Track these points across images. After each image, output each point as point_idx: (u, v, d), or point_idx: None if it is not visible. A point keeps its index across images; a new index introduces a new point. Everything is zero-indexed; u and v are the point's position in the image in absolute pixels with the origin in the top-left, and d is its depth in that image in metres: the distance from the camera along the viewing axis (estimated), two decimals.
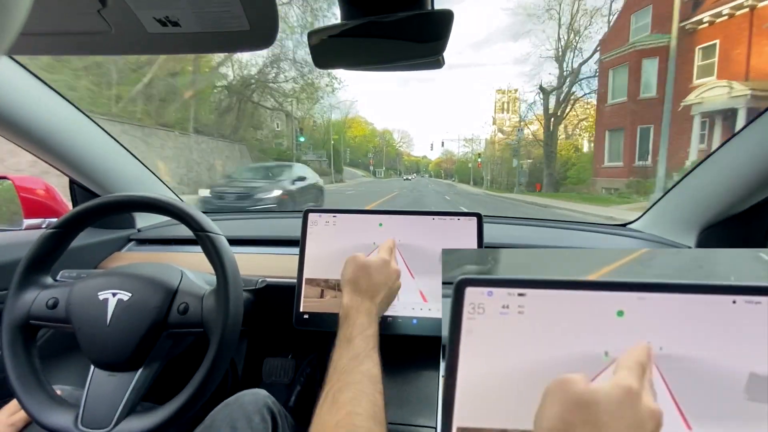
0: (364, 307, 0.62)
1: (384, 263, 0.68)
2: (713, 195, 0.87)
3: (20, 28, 0.18)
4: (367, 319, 0.60)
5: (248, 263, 0.90)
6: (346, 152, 45.25)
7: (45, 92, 0.89)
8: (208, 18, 0.41)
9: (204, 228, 0.64)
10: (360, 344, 0.56)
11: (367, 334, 0.58)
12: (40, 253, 0.66)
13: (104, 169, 1.08)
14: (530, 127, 29.88)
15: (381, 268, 0.67)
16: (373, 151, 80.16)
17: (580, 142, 26.64)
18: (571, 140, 26.82)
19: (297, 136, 28.70)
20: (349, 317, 0.60)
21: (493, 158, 40.09)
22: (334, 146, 40.70)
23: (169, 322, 0.63)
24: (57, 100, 0.93)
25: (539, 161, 26.27)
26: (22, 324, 0.64)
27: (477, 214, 0.80)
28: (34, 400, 0.60)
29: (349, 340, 0.57)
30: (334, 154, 37.32)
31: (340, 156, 41.47)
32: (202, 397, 0.60)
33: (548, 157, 23.75)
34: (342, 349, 0.56)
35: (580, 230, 1.15)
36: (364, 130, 75.78)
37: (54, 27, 0.44)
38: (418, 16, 0.46)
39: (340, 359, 0.54)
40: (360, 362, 0.54)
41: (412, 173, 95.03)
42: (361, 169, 65.80)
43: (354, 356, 0.54)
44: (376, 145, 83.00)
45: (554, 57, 24.84)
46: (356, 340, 0.56)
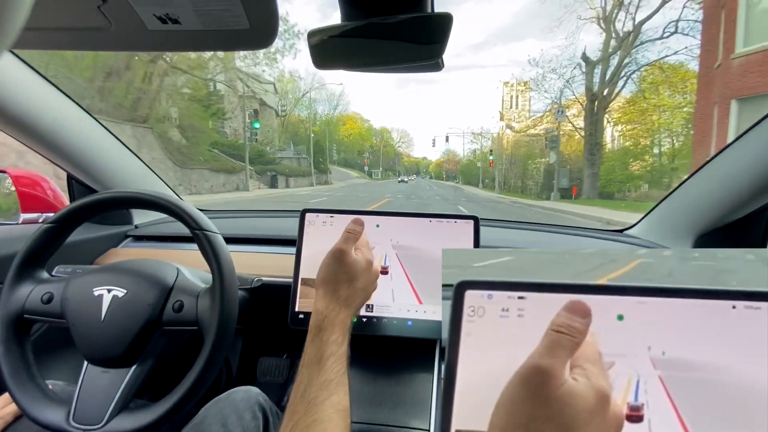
0: (339, 319, 0.55)
1: (368, 265, 0.61)
2: (711, 202, 0.87)
3: (22, 24, 0.18)
4: (341, 333, 0.54)
5: (244, 262, 0.90)
6: (332, 149, 40.63)
7: (45, 87, 0.89)
8: (209, 16, 0.41)
9: (200, 226, 0.64)
10: (333, 367, 0.50)
11: (340, 354, 0.52)
12: (36, 247, 0.66)
13: (102, 165, 1.08)
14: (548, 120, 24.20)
15: (365, 271, 0.60)
16: (370, 151, 75.21)
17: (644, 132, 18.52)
18: (629, 129, 19.25)
19: (252, 122, 23.18)
20: (322, 330, 0.53)
21: (502, 157, 34.94)
22: (318, 142, 35.84)
23: (163, 320, 0.63)
24: (56, 95, 0.92)
25: (573, 158, 21.43)
26: (17, 318, 0.63)
27: (474, 216, 0.80)
28: (27, 395, 0.60)
29: (321, 361, 0.51)
30: (316, 151, 33.33)
31: (325, 153, 37.93)
32: (195, 396, 0.60)
33: (591, 150, 17.26)
34: (312, 371, 0.50)
35: (577, 235, 1.16)
36: (359, 127, 71.07)
37: (54, 22, 0.44)
38: (418, 19, 0.46)
39: (310, 384, 0.49)
40: (331, 392, 0.48)
41: (411, 174, 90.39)
42: (355, 170, 61.99)
43: (325, 383, 0.49)
44: (373, 144, 77.83)
45: (597, 18, 18.70)
46: (329, 361, 0.50)
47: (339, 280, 0.58)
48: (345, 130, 66.30)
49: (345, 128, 66.06)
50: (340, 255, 0.59)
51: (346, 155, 67.38)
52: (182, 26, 0.43)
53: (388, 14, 0.46)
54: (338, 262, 0.58)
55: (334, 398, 0.48)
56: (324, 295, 0.57)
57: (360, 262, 0.60)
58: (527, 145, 31.63)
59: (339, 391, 0.49)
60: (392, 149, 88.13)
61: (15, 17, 0.17)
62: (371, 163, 73.29)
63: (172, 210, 0.66)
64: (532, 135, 30.82)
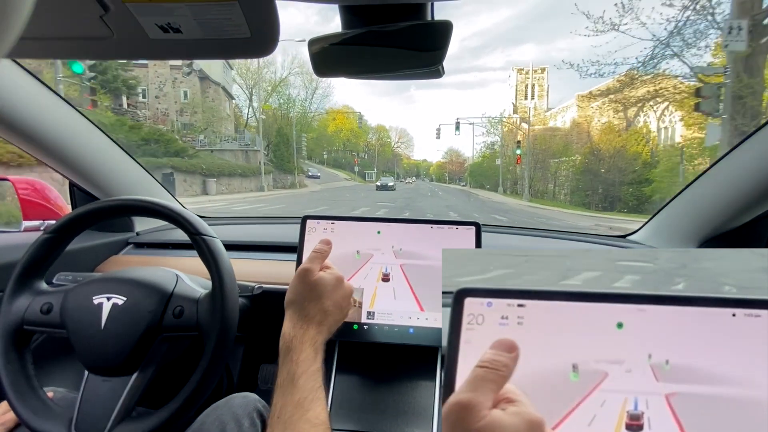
0: (308, 337, 0.55)
1: (338, 282, 0.61)
2: (713, 208, 0.87)
3: (20, 31, 0.18)
4: (312, 351, 0.54)
5: (245, 269, 0.90)
6: (301, 144, 30.72)
7: (46, 95, 0.90)
8: (210, 25, 0.42)
9: (199, 231, 0.64)
10: (306, 385, 0.50)
11: (312, 371, 0.52)
12: (35, 258, 0.66)
13: (104, 172, 1.08)
14: None
15: (334, 288, 0.60)
16: (365, 150, 65.29)
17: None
18: None
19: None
20: (291, 350, 0.53)
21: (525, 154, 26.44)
22: (280, 131, 28.09)
23: (163, 326, 0.63)
24: (58, 103, 0.93)
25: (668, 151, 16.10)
26: (16, 329, 0.63)
27: (475, 223, 0.80)
28: (27, 407, 0.60)
29: (293, 380, 0.50)
30: (275, 145, 26.35)
31: (291, 147, 28.44)
32: (197, 403, 0.60)
33: None
34: (285, 392, 0.50)
35: (579, 241, 1.15)
36: (351, 122, 60.21)
37: (57, 31, 0.44)
38: (418, 26, 0.47)
39: (285, 405, 0.49)
40: (306, 408, 0.48)
41: (411, 176, 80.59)
42: (346, 171, 52.91)
43: (300, 401, 0.49)
44: (369, 143, 67.37)
45: None
46: (301, 379, 0.51)
47: (306, 299, 0.58)
48: (335, 126, 56.04)
49: (335, 123, 55.81)
50: (305, 274, 0.59)
51: (336, 154, 57.67)
52: (184, 35, 0.43)
53: (388, 22, 0.46)
54: (303, 282, 0.59)
55: (310, 414, 0.48)
56: (291, 317, 0.57)
57: (327, 280, 0.59)
58: (550, 140, 26.26)
59: (315, 407, 0.49)
60: (389, 149, 77.20)
61: (12, 25, 0.17)
62: (365, 163, 62.31)
63: (170, 216, 0.66)
64: (552, 129, 26.26)
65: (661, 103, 16.61)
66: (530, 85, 44.42)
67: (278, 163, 26.82)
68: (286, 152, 27.87)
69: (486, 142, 39.33)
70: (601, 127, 21.60)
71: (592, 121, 23.93)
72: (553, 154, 24.93)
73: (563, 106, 31.67)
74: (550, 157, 24.76)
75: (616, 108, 18.07)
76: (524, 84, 44.79)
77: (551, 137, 26.98)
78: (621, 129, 20.51)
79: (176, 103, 20.96)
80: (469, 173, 46.39)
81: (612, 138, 19.99)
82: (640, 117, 19.87)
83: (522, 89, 44.86)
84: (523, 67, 46.50)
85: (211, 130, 22.90)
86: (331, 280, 0.60)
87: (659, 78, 13.31)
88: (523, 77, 45.15)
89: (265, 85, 32.78)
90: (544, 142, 26.60)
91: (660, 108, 18.53)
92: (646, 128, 20.26)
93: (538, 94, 44.12)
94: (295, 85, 36.19)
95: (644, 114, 19.24)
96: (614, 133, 20.29)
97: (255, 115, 32.20)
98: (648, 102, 16.04)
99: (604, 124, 21.35)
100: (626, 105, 17.25)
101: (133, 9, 0.39)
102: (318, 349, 0.55)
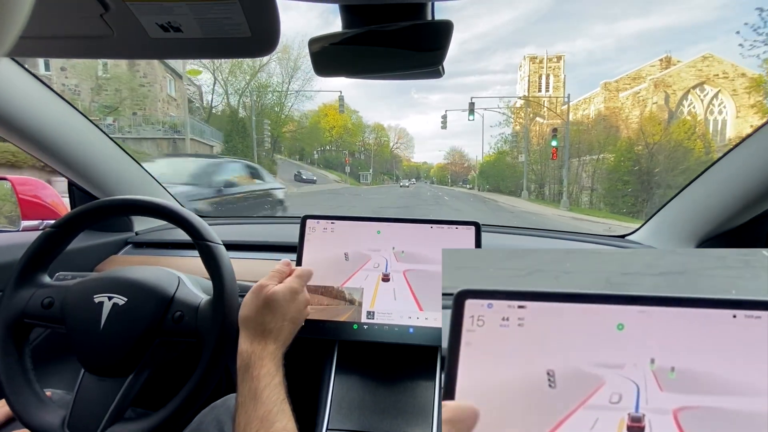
0: (267, 352, 0.54)
1: (292, 294, 0.60)
2: (712, 208, 0.87)
3: (20, 29, 0.18)
4: (273, 365, 0.53)
5: (245, 269, 0.90)
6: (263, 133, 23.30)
7: (45, 94, 0.90)
8: (210, 24, 0.42)
9: (204, 237, 0.64)
10: (270, 398, 0.50)
11: (275, 384, 0.52)
12: (39, 251, 0.66)
13: (104, 172, 1.08)
14: None
15: (288, 301, 0.60)
16: (362, 150, 60.25)
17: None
18: None
19: None
20: (251, 367, 0.52)
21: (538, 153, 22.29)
22: (233, 116, 21.62)
23: (162, 330, 0.63)
24: (57, 102, 0.93)
25: None
26: (16, 321, 0.63)
27: (475, 223, 0.80)
28: (22, 400, 0.60)
29: (256, 395, 0.50)
30: (227, 134, 20.00)
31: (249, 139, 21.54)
32: (192, 406, 0.60)
33: None
34: (249, 408, 0.49)
35: (578, 240, 1.15)
36: (345, 118, 53.19)
37: (57, 30, 0.44)
38: (418, 26, 0.46)
39: (250, 422, 0.48)
40: (273, 421, 0.48)
41: (411, 178, 75.90)
42: (338, 172, 47.58)
43: (265, 415, 0.48)
44: (363, 142, 61.54)
45: None
46: (264, 393, 0.50)
47: (262, 314, 0.57)
48: (326, 123, 49.92)
49: (327, 120, 49.81)
50: (259, 290, 0.59)
51: (327, 154, 52.60)
52: (184, 34, 0.43)
53: (389, 22, 0.46)
54: (258, 298, 0.58)
55: (278, 425, 0.48)
56: (247, 334, 0.56)
57: (281, 293, 0.59)
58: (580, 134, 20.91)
59: (281, 418, 0.49)
60: (388, 149, 70.83)
61: (11, 23, 0.17)
62: (359, 163, 56.97)
63: (174, 218, 0.66)
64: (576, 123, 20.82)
65: (711, 92, 14.71)
66: (545, 75, 39.49)
67: None
68: (241, 144, 20.48)
69: (503, 134, 31.91)
70: (642, 119, 17.93)
71: (627, 111, 20.20)
72: (588, 149, 20.05)
73: (585, 97, 26.47)
74: (584, 153, 20.10)
75: (659, 95, 15.47)
76: (537, 74, 39.61)
77: (575, 131, 21.49)
78: (663, 120, 17.50)
79: (91, 79, 15.70)
80: (479, 173, 39.25)
81: (658, 131, 16.33)
82: (684, 106, 17.16)
83: (535, 80, 39.51)
84: (537, 56, 40.46)
85: (142, 115, 16.98)
86: (285, 293, 0.60)
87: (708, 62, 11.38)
88: (536, 67, 39.76)
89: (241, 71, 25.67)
90: (577, 135, 21.01)
91: (709, 96, 16.49)
92: (694, 119, 16.99)
93: (554, 85, 38.51)
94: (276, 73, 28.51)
95: (689, 103, 16.69)
96: (659, 125, 16.77)
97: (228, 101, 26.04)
98: (695, 89, 14.40)
99: (645, 114, 17.77)
100: (667, 93, 15.13)
101: (134, 8, 0.39)
102: (278, 363, 0.54)
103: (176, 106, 19.81)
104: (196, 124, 18.07)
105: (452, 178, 71.42)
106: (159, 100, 17.73)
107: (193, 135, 16.90)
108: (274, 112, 28.06)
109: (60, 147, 0.96)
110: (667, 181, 14.37)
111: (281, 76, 28.66)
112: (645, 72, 18.63)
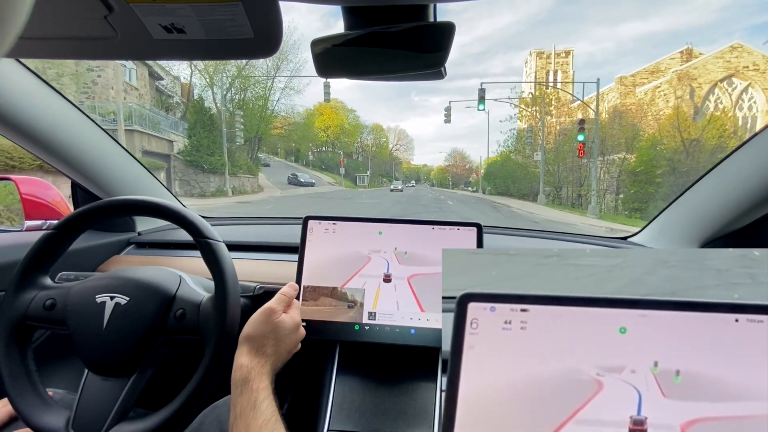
0: (265, 370, 0.57)
1: (295, 327, 0.64)
2: (715, 210, 0.87)
3: (20, 30, 0.18)
4: (269, 383, 0.57)
5: (247, 269, 0.90)
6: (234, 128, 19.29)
7: (50, 95, 0.90)
8: (213, 25, 0.42)
9: (204, 234, 0.64)
10: (268, 409, 0.52)
11: (271, 399, 0.54)
12: (40, 253, 0.66)
13: (106, 172, 1.08)
14: None
15: (290, 332, 0.63)
16: (360, 152, 58.18)
17: None
18: None
19: None
20: (251, 381, 0.55)
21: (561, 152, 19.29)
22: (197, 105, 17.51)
23: (165, 329, 0.63)
24: (61, 102, 0.93)
25: None
26: (18, 324, 0.63)
27: (477, 224, 0.80)
28: (26, 401, 0.60)
29: (255, 406, 0.52)
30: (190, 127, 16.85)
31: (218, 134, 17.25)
32: (195, 405, 0.60)
33: None
34: (248, 418, 0.51)
35: (580, 242, 1.15)
36: (341, 118, 50.50)
37: (61, 31, 0.44)
38: (420, 28, 0.47)
39: (248, 430, 0.50)
40: (272, 429, 0.50)
41: (411, 180, 75.39)
42: (333, 174, 44.78)
43: (264, 423, 0.51)
44: (361, 143, 58.90)
45: None
46: (263, 404, 0.52)
47: (266, 337, 0.60)
48: (321, 123, 47.52)
49: (322, 119, 47.40)
50: (269, 313, 0.62)
51: (323, 155, 50.52)
52: (187, 35, 0.43)
53: (391, 23, 0.46)
54: (267, 321, 0.61)
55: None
56: (248, 350, 0.59)
57: (287, 324, 0.63)
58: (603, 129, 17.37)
59: (279, 428, 0.51)
60: (387, 151, 67.49)
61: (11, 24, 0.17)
62: (357, 164, 53.57)
63: (175, 217, 0.66)
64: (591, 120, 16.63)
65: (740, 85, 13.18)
66: (552, 71, 37.59)
67: (196, 157, 16.78)
68: (207, 139, 16.96)
69: (513, 130, 28.03)
70: (672, 115, 15.89)
71: (646, 107, 18.47)
72: (612, 147, 17.87)
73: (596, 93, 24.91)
74: (609, 151, 17.80)
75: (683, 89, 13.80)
76: (545, 71, 37.78)
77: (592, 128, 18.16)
78: (689, 116, 15.73)
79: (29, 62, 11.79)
80: (485, 175, 35.48)
81: (686, 127, 14.75)
82: (710, 101, 15.56)
83: (542, 77, 37.62)
84: (544, 51, 38.42)
85: (89, 105, 13.98)
86: (290, 324, 0.63)
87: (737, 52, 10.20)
88: (544, 62, 37.88)
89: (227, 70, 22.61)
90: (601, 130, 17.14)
91: (738, 90, 15.13)
92: (725, 114, 15.39)
93: (562, 81, 36.32)
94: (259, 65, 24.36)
95: (716, 98, 15.10)
96: (687, 122, 15.07)
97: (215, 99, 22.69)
98: (722, 82, 12.99)
99: (670, 109, 15.94)
100: (692, 87, 13.41)
101: (137, 9, 0.39)
102: (271, 383, 0.57)
103: (138, 96, 17.23)
104: (147, 113, 15.05)
105: (453, 180, 70.37)
106: (110, 87, 15.20)
107: (141, 127, 14.10)
108: (258, 105, 24.57)
109: (63, 147, 0.96)
110: None
111: (266, 68, 25.00)
112: (664, 65, 17.00)
